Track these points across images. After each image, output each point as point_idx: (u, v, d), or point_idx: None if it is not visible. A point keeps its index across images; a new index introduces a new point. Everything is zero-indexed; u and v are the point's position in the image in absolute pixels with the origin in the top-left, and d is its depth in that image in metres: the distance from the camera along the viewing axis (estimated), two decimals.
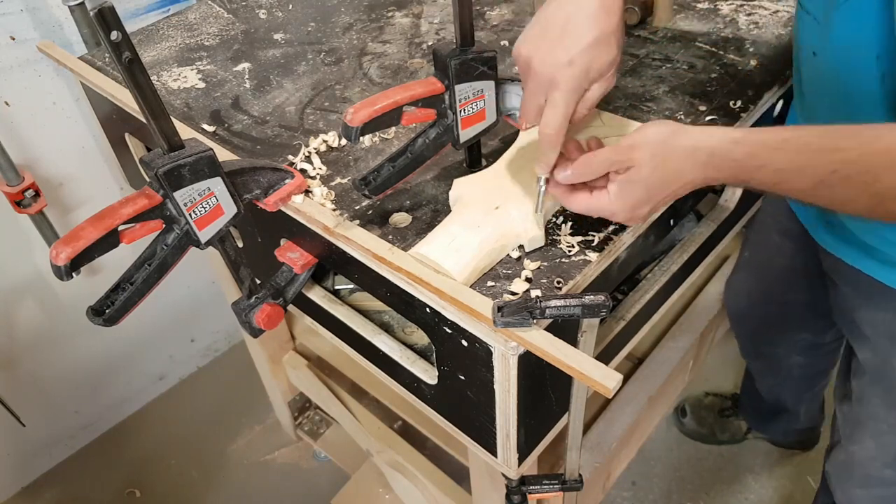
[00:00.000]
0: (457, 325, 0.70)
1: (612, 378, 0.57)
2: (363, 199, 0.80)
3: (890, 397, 0.99)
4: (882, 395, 1.00)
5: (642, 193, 0.65)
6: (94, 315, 0.67)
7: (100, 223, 0.62)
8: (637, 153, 0.64)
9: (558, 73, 0.66)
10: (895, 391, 0.97)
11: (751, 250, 1.26)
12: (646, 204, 0.66)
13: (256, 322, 0.85)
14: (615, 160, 0.65)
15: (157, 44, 1.15)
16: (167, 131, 0.64)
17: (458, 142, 0.77)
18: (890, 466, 1.07)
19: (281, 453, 1.79)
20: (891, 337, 0.92)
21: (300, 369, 1.52)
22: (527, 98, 0.70)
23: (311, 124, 0.94)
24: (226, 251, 0.77)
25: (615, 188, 0.66)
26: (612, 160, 0.65)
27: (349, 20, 1.19)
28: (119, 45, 0.55)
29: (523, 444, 0.78)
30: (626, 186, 0.65)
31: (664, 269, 0.96)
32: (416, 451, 1.36)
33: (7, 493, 1.73)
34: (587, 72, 0.66)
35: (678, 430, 1.75)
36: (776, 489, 1.63)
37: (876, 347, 0.95)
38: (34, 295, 1.54)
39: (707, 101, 0.91)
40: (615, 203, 0.66)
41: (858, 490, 1.14)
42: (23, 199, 1.34)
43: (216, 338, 2.02)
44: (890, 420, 1.00)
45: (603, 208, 0.67)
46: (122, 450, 1.83)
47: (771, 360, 1.39)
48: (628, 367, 1.36)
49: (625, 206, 0.66)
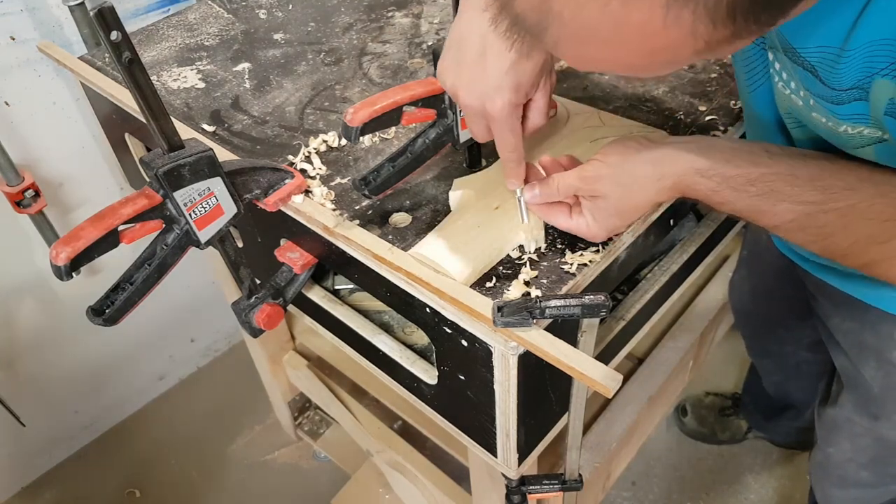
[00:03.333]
0: (457, 325, 0.70)
1: (613, 378, 0.57)
2: (363, 199, 0.80)
3: (862, 403, 1.00)
4: (855, 401, 1.01)
5: (616, 219, 0.68)
6: (94, 315, 0.67)
7: (100, 223, 0.62)
8: (600, 185, 0.66)
9: (488, 104, 0.64)
10: (868, 397, 0.98)
11: (748, 248, 1.26)
12: (623, 224, 0.69)
13: (256, 322, 0.85)
14: (581, 188, 0.67)
15: (157, 44, 1.15)
16: (167, 131, 0.64)
17: (458, 142, 0.77)
18: (866, 468, 1.08)
19: (281, 453, 1.79)
20: (859, 346, 0.93)
21: (300, 369, 1.52)
22: (470, 126, 0.70)
23: (311, 124, 0.94)
24: (226, 251, 0.77)
25: (590, 217, 0.68)
26: (577, 187, 0.67)
27: (349, 20, 1.19)
28: (119, 45, 0.55)
29: (523, 444, 0.78)
30: (598, 214, 0.67)
31: (664, 269, 0.96)
32: (416, 451, 1.36)
33: (7, 493, 1.73)
34: (517, 90, 0.64)
35: (678, 430, 1.75)
36: (776, 489, 1.63)
37: (848, 355, 0.96)
38: (34, 295, 1.54)
39: (707, 101, 0.91)
40: (592, 227, 0.68)
41: (836, 490, 1.16)
42: (23, 199, 1.34)
43: (216, 338, 2.02)
44: (864, 424, 1.02)
45: (582, 232, 0.70)
46: (122, 450, 1.83)
47: (778, 358, 1.39)
48: (628, 367, 1.36)
49: (601, 229, 0.68)
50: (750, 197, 0.60)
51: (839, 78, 0.52)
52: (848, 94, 0.53)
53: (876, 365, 0.92)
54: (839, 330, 0.96)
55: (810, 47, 0.53)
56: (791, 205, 0.58)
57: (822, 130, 0.61)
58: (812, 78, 0.55)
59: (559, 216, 0.70)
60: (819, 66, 0.54)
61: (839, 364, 1.01)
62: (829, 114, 0.57)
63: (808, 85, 0.57)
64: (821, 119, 0.59)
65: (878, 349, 0.90)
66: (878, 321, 0.87)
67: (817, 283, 0.92)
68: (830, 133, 0.60)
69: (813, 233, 0.59)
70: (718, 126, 0.87)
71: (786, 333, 1.31)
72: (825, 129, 0.60)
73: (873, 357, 0.92)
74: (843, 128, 0.57)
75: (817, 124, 0.61)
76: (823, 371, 1.36)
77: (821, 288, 0.93)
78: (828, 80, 0.54)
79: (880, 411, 0.98)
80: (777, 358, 1.40)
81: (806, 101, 0.60)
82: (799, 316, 1.23)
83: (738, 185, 0.60)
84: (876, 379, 0.93)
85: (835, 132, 0.59)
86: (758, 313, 1.34)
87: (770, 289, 1.24)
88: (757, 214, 0.61)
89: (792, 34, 0.55)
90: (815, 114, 0.60)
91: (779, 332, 1.32)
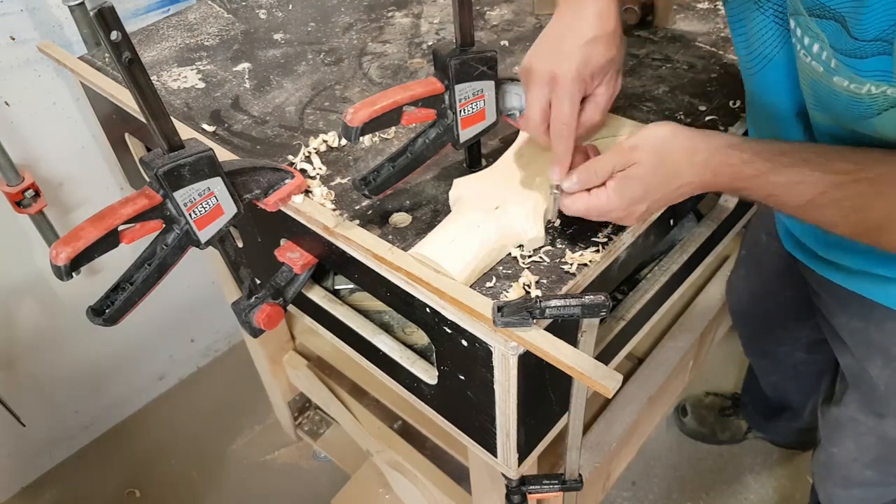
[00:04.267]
0: (457, 325, 0.70)
1: (612, 378, 0.57)
2: (363, 199, 0.80)
3: (868, 403, 1.00)
4: (860, 400, 1.01)
5: (640, 191, 0.65)
6: (94, 315, 0.67)
7: (100, 223, 0.62)
8: (638, 153, 0.65)
9: (557, 68, 0.67)
10: (873, 396, 0.98)
11: (747, 248, 1.26)
12: (642, 201, 0.66)
13: (256, 322, 0.85)
14: (618, 161, 0.66)
15: (157, 44, 1.15)
16: (167, 131, 0.64)
17: (458, 142, 0.77)
18: (870, 468, 1.08)
19: (281, 453, 1.79)
20: (866, 344, 0.93)
21: (300, 369, 1.52)
22: (530, 102, 0.70)
23: (311, 124, 0.94)
24: (226, 251, 0.77)
25: (613, 184, 0.66)
26: (616, 161, 0.66)
27: (349, 20, 1.19)
28: (119, 45, 0.55)
29: (523, 444, 0.78)
30: (624, 182, 0.65)
31: (664, 269, 0.96)
32: (416, 451, 1.36)
33: (7, 493, 1.73)
34: (586, 63, 0.67)
35: (678, 430, 1.75)
36: (776, 489, 1.63)
37: (854, 354, 0.96)
38: (34, 295, 1.54)
39: (707, 101, 0.91)
40: (612, 200, 0.66)
41: (839, 490, 1.16)
42: (23, 199, 1.34)
43: (216, 338, 2.02)
44: (869, 424, 1.02)
45: (601, 206, 0.67)
46: (122, 450, 1.83)
47: (775, 358, 1.39)
48: (628, 367, 1.36)
49: (622, 202, 0.66)
50: (783, 167, 0.61)
51: (863, 27, 0.52)
52: (872, 45, 0.53)
53: (882, 363, 0.92)
54: (845, 328, 0.95)
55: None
56: (822, 174, 0.59)
57: (843, 100, 0.60)
58: (840, 30, 0.55)
59: (576, 197, 0.68)
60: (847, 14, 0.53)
61: (844, 363, 1.00)
62: (852, 73, 0.56)
63: (835, 40, 0.56)
64: (843, 83, 0.58)
65: (884, 347, 0.90)
66: (885, 319, 0.87)
67: (822, 282, 0.91)
68: (853, 100, 0.59)
69: (846, 206, 0.59)
70: (718, 126, 0.87)
71: (784, 334, 1.31)
72: (847, 97, 0.59)
73: (879, 355, 0.91)
74: (867, 87, 0.56)
75: (839, 92, 0.60)
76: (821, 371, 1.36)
77: (826, 286, 0.93)
78: (853, 31, 0.53)
79: (885, 410, 0.97)
80: (774, 358, 1.40)
81: (827, 64, 0.59)
82: (797, 316, 1.24)
83: (770, 155, 0.61)
84: (882, 377, 0.93)
85: (857, 96, 0.58)
86: (756, 314, 1.34)
87: (769, 289, 1.24)
88: (788, 187, 0.61)
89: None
90: (836, 77, 0.59)
91: (777, 332, 1.32)
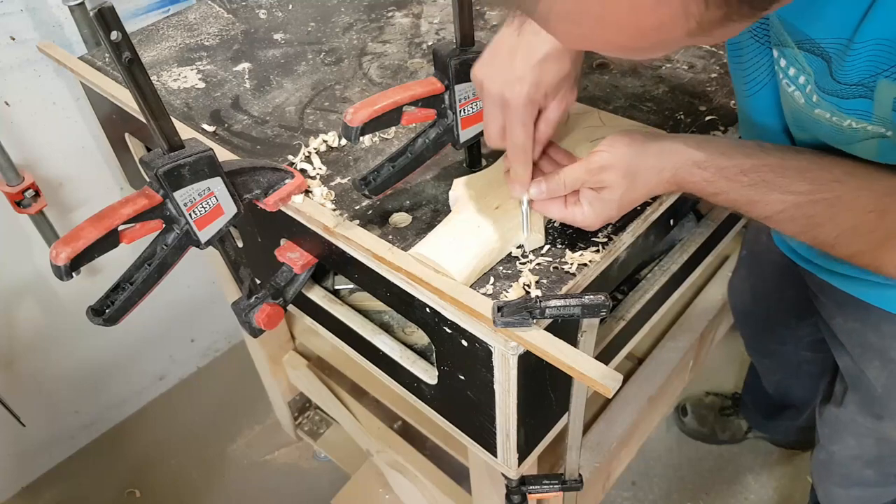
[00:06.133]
0: (457, 325, 0.70)
1: (613, 378, 0.57)
2: (363, 199, 0.80)
3: (866, 404, 1.00)
4: (859, 401, 1.02)
5: (614, 211, 0.69)
6: (94, 315, 0.67)
7: (100, 223, 0.62)
8: (608, 175, 0.66)
9: (507, 90, 0.66)
10: (872, 398, 0.98)
11: (747, 248, 1.26)
12: (618, 214, 0.70)
13: (256, 322, 0.85)
14: (588, 180, 0.67)
15: (157, 44, 1.15)
16: (167, 131, 0.64)
17: (458, 142, 0.77)
18: (870, 467, 1.08)
19: (281, 453, 1.79)
20: (864, 346, 0.93)
21: (300, 369, 1.52)
22: (486, 121, 0.71)
23: (311, 124, 0.94)
24: (226, 251, 0.77)
25: (588, 207, 0.68)
26: (584, 180, 0.67)
27: (349, 20, 1.19)
28: (119, 45, 0.56)
29: (523, 444, 0.78)
30: (598, 204, 0.68)
31: (664, 269, 0.96)
32: (416, 451, 1.36)
33: (7, 493, 1.73)
34: (538, 85, 0.66)
35: (678, 430, 1.74)
36: (776, 489, 1.63)
37: (851, 355, 0.96)
38: (34, 295, 1.54)
39: (707, 101, 0.91)
40: (588, 217, 0.69)
41: (838, 489, 1.16)
42: (23, 199, 1.34)
43: (216, 338, 2.02)
44: (868, 424, 1.02)
45: (577, 221, 0.70)
46: (122, 450, 1.83)
47: (778, 357, 1.39)
48: (628, 367, 1.36)
49: (597, 220, 0.69)
50: (742, 187, 0.62)
51: (845, 72, 0.53)
52: (853, 89, 0.54)
53: (880, 365, 0.92)
54: (842, 330, 0.96)
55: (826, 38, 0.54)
56: (781, 195, 0.60)
57: (825, 127, 0.61)
58: (825, 68, 0.55)
59: (553, 207, 0.70)
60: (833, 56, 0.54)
61: (843, 364, 1.00)
62: (833, 108, 0.58)
63: (819, 77, 0.57)
64: (824, 115, 0.60)
65: (881, 349, 0.90)
66: (881, 321, 0.87)
67: (820, 284, 0.92)
68: (834, 128, 0.60)
69: (802, 223, 0.61)
70: (718, 126, 0.87)
71: (786, 333, 1.31)
72: (828, 126, 0.61)
73: (877, 357, 0.92)
74: (848, 122, 0.58)
75: (820, 121, 0.61)
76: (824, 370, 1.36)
77: (823, 288, 0.93)
78: (836, 73, 0.54)
79: (884, 411, 0.98)
80: (777, 357, 1.40)
81: (809, 97, 0.60)
82: (799, 315, 1.23)
83: (732, 175, 0.62)
84: (879, 379, 0.93)
85: (839, 127, 0.59)
86: (757, 313, 1.34)
87: (770, 289, 1.24)
88: (749, 205, 0.63)
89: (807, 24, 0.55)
90: (818, 110, 0.60)
91: (779, 331, 1.32)
